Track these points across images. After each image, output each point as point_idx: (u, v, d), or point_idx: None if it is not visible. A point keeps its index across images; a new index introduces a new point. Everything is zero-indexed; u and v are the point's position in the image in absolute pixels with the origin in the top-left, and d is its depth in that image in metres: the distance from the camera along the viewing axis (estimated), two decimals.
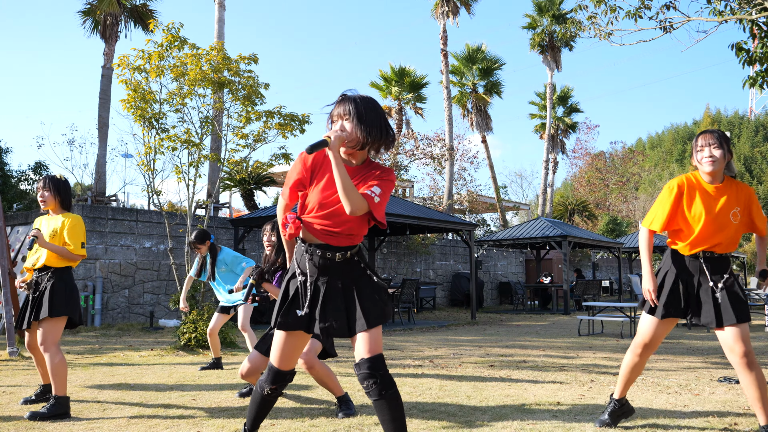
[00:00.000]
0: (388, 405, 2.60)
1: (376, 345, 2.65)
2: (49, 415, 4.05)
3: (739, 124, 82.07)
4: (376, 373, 2.59)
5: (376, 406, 2.62)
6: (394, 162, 22.20)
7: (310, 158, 2.74)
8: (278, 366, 2.83)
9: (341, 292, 2.73)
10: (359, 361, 2.63)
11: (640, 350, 3.59)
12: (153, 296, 13.12)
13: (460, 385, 5.38)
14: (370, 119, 2.65)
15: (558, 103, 32.58)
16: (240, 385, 5.44)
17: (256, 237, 15.09)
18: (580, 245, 20.01)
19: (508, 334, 11.03)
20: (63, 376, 4.16)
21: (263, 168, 17.99)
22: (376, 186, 2.66)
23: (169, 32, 8.66)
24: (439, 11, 24.40)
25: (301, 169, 2.73)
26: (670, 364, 6.76)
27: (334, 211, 2.67)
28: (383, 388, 2.59)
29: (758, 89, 7.74)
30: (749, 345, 3.27)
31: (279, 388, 2.86)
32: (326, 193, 2.68)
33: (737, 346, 3.24)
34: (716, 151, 3.37)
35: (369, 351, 2.63)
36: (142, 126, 8.75)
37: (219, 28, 18.30)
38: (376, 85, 26.96)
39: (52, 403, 4.11)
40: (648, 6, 7.89)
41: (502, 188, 36.45)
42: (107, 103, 17.03)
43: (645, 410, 4.29)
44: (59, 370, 4.14)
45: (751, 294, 15.24)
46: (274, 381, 2.84)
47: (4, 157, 17.87)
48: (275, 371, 2.83)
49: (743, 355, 3.23)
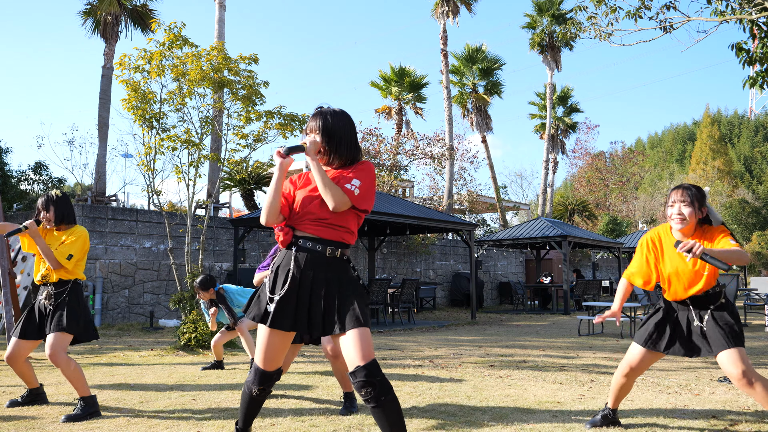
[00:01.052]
0: (386, 411, 2.58)
1: (369, 350, 2.63)
2: (82, 415, 4.12)
3: (739, 124, 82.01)
4: (374, 380, 2.56)
5: (374, 413, 2.59)
6: (394, 162, 22.19)
7: (295, 177, 2.93)
8: (264, 367, 2.83)
9: (324, 290, 2.75)
10: (354, 369, 2.58)
11: (627, 371, 3.65)
12: (153, 296, 13.12)
13: (460, 385, 5.38)
14: (338, 135, 2.80)
15: (558, 103, 32.58)
16: (239, 386, 5.44)
17: (257, 237, 15.09)
18: (580, 245, 20.01)
19: (508, 334, 11.03)
20: (81, 379, 4.21)
21: (263, 168, 18.01)
22: (354, 179, 2.75)
23: (171, 32, 8.66)
24: (439, 11, 24.39)
25: (288, 189, 2.88)
26: (670, 364, 6.76)
27: (319, 202, 2.76)
28: (381, 394, 2.56)
29: (758, 89, 7.74)
30: (745, 365, 3.21)
31: (267, 388, 2.87)
32: (309, 190, 2.82)
33: (732, 369, 3.23)
34: (685, 209, 3.35)
35: (363, 357, 2.59)
36: (142, 126, 8.75)
37: (219, 28, 18.31)
38: (376, 85, 26.96)
39: (82, 406, 4.17)
40: (648, 6, 7.89)
41: (502, 188, 36.47)
42: (107, 103, 17.03)
43: (645, 410, 4.29)
44: (76, 375, 4.20)
45: (751, 294, 15.23)
46: (261, 382, 2.84)
47: (4, 157, 17.87)
48: (261, 372, 2.84)
49: (740, 377, 3.21)
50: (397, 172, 22.15)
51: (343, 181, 2.74)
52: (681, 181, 53.35)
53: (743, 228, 45.88)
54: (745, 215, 46.80)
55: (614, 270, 29.72)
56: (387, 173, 21.22)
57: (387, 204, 13.08)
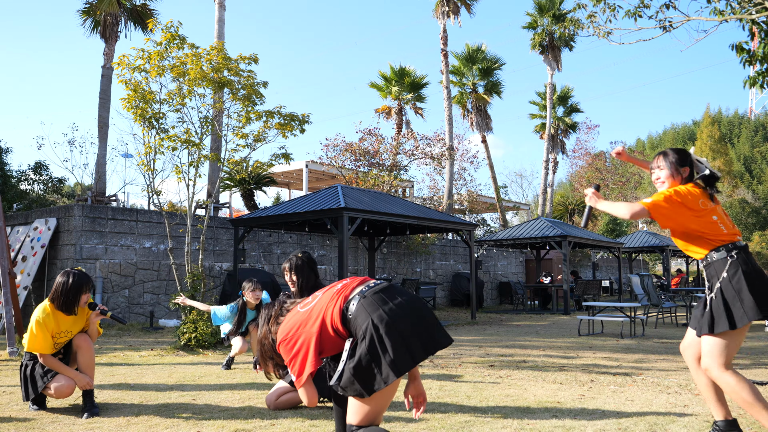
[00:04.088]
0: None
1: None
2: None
3: (739, 124, 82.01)
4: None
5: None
6: (394, 162, 22.18)
7: None
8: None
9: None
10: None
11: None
12: (153, 296, 13.11)
13: (460, 385, 5.38)
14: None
15: (558, 103, 32.58)
16: (239, 386, 5.44)
17: (257, 237, 15.09)
18: (580, 245, 20.00)
19: (508, 334, 11.02)
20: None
21: (263, 168, 18.00)
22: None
23: (168, 31, 8.65)
24: (439, 11, 24.39)
25: None
26: (670, 364, 6.76)
27: None
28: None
29: (758, 89, 7.73)
30: (708, 360, 3.18)
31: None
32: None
33: (702, 358, 3.26)
34: (661, 173, 3.43)
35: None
36: (142, 126, 8.75)
37: (219, 28, 18.30)
38: (376, 85, 26.95)
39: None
40: (647, 5, 7.89)
41: (502, 188, 36.46)
42: (107, 103, 17.03)
43: (645, 410, 4.29)
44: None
45: None
46: None
47: (4, 157, 17.87)
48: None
49: (703, 366, 3.25)
50: (397, 172, 22.14)
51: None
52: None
53: (743, 228, 45.83)
54: (745, 215, 46.75)
55: (614, 270, 29.71)
56: (387, 173, 21.22)
57: (387, 204, 13.08)
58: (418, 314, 2.63)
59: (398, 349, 2.50)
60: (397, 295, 2.67)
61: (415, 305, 2.66)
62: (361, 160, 21.38)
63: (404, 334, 2.53)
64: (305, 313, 2.77)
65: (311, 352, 2.65)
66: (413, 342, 2.54)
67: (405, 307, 2.61)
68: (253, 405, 4.56)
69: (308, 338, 2.68)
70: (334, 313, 2.67)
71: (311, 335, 2.67)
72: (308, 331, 2.69)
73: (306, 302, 2.87)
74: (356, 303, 2.65)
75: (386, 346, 2.50)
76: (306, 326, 2.71)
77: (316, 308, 2.75)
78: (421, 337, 2.57)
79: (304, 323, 2.73)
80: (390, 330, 2.52)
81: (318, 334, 2.68)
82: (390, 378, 2.47)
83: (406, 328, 2.55)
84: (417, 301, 2.70)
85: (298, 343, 2.69)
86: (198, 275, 8.50)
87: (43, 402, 4.53)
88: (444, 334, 2.67)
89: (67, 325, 4.33)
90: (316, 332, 2.67)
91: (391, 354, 2.48)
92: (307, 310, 2.78)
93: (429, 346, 2.58)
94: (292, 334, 2.72)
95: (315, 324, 2.69)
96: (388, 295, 2.66)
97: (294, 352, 2.69)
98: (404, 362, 2.49)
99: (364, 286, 2.74)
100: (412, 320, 2.59)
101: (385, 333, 2.51)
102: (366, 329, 2.54)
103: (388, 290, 2.69)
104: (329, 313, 2.69)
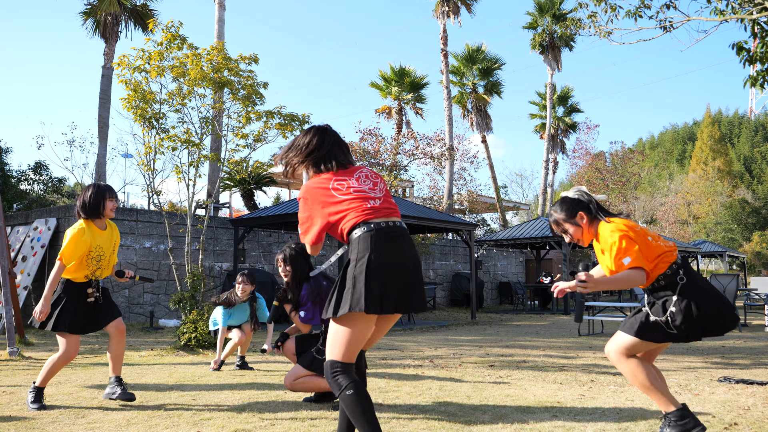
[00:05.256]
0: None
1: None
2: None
3: (739, 124, 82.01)
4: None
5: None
6: (394, 162, 22.18)
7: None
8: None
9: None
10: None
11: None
12: (153, 296, 13.11)
13: (460, 385, 5.38)
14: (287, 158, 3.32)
15: (558, 103, 32.59)
16: (239, 386, 5.44)
17: (257, 237, 15.09)
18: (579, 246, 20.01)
19: (508, 334, 11.02)
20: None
21: (263, 168, 18.01)
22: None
23: (168, 31, 8.65)
24: (439, 11, 24.40)
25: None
26: (670, 364, 6.76)
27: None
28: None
29: (759, 89, 7.74)
30: (612, 351, 3.32)
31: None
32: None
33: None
34: (570, 234, 3.44)
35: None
36: (142, 126, 8.75)
37: (219, 28, 18.31)
38: (376, 85, 26.95)
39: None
40: (648, 5, 7.89)
41: (502, 188, 36.49)
42: (107, 103, 17.04)
43: (645, 410, 4.29)
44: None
45: (750, 294, 15.23)
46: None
47: (4, 157, 17.87)
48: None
49: (606, 350, 3.40)
50: (397, 172, 22.14)
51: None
52: (681, 180, 53.27)
53: (743, 228, 45.81)
54: (745, 215, 46.74)
55: None
56: (387, 173, 21.22)
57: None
58: (409, 274, 2.90)
59: (373, 294, 2.76)
60: (404, 249, 2.91)
61: (412, 264, 2.93)
62: (361, 160, 21.38)
63: (387, 285, 2.79)
64: (333, 196, 2.98)
65: (317, 228, 2.98)
66: (390, 296, 2.80)
67: (401, 266, 2.87)
68: (253, 405, 4.56)
69: (322, 219, 2.97)
70: (346, 225, 2.92)
71: (325, 217, 2.95)
72: (323, 213, 2.96)
73: (341, 182, 3.03)
74: (367, 231, 2.87)
75: (368, 284, 2.76)
76: (325, 207, 2.96)
77: (342, 205, 2.95)
78: (399, 294, 2.83)
79: (326, 204, 2.97)
80: (377, 275, 2.78)
81: (326, 225, 2.97)
82: (354, 308, 2.74)
83: (390, 281, 2.80)
84: (415, 262, 2.95)
85: (311, 216, 3.00)
86: (198, 275, 8.49)
87: (42, 401, 4.56)
88: (421, 301, 2.95)
89: (100, 240, 4.46)
90: (326, 222, 2.96)
91: (364, 293, 2.75)
92: (336, 200, 2.96)
93: (401, 306, 2.84)
94: (310, 204, 3.00)
95: (330, 215, 2.95)
96: (396, 246, 2.89)
97: (306, 215, 3.01)
98: (372, 307, 2.75)
99: (383, 221, 2.93)
100: (402, 278, 2.85)
101: (372, 275, 2.77)
102: (359, 261, 2.82)
103: (398, 240, 2.92)
104: (344, 220, 2.92)
